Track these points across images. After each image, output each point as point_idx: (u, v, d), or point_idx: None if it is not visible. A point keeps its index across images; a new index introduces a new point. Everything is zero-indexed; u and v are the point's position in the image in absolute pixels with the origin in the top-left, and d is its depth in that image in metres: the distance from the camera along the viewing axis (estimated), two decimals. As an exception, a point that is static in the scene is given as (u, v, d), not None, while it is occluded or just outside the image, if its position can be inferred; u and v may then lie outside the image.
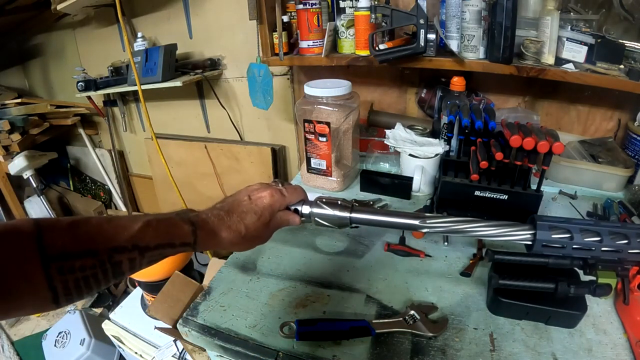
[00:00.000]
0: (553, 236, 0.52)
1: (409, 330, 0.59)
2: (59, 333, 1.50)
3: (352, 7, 1.08)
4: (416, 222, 0.56)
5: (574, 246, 0.52)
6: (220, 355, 0.64)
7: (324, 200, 0.58)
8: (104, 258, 0.36)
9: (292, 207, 0.58)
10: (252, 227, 0.51)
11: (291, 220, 0.57)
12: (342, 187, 1.03)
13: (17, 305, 0.32)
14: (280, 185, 0.57)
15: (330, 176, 1.01)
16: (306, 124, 0.97)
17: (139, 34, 1.53)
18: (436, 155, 0.96)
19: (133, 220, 0.40)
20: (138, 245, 0.38)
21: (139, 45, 1.52)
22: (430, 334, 0.59)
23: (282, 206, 0.55)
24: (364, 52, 1.08)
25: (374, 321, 0.60)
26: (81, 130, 2.09)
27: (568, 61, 0.94)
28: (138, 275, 1.24)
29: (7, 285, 0.30)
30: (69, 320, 1.55)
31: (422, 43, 0.96)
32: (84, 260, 0.34)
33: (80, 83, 1.59)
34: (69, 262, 0.33)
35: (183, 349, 1.11)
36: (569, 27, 0.92)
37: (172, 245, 0.42)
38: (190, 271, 1.39)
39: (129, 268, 0.38)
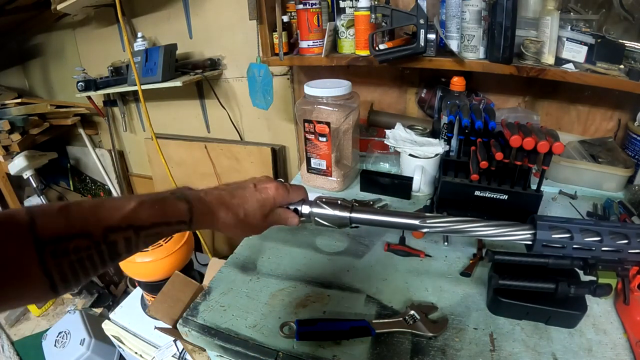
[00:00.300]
0: (553, 236, 0.52)
1: (409, 330, 0.59)
2: (59, 333, 1.51)
3: (352, 7, 1.08)
4: (416, 222, 0.56)
5: (574, 246, 0.52)
6: (220, 355, 0.64)
7: (323, 200, 0.58)
8: (99, 239, 0.35)
9: (292, 207, 0.58)
10: (251, 214, 0.51)
11: (289, 220, 0.57)
12: (342, 187, 1.03)
13: (15, 295, 0.31)
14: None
15: (330, 176, 1.01)
16: (306, 124, 0.97)
17: (139, 34, 1.53)
18: (436, 155, 0.96)
19: (127, 200, 0.39)
20: (133, 225, 0.38)
21: (139, 45, 1.52)
22: (430, 334, 0.59)
23: (284, 201, 0.56)
24: (364, 52, 1.08)
25: (374, 321, 0.60)
26: (81, 130, 2.09)
27: (568, 61, 0.94)
28: (138, 275, 1.24)
29: (2, 274, 0.30)
30: (69, 320, 1.55)
31: (422, 43, 0.96)
32: (78, 241, 0.34)
33: (80, 83, 1.58)
34: (62, 244, 0.33)
35: (183, 349, 1.11)
36: (569, 27, 0.92)
37: (168, 223, 0.42)
38: (190, 271, 1.39)
39: (125, 248, 0.38)
